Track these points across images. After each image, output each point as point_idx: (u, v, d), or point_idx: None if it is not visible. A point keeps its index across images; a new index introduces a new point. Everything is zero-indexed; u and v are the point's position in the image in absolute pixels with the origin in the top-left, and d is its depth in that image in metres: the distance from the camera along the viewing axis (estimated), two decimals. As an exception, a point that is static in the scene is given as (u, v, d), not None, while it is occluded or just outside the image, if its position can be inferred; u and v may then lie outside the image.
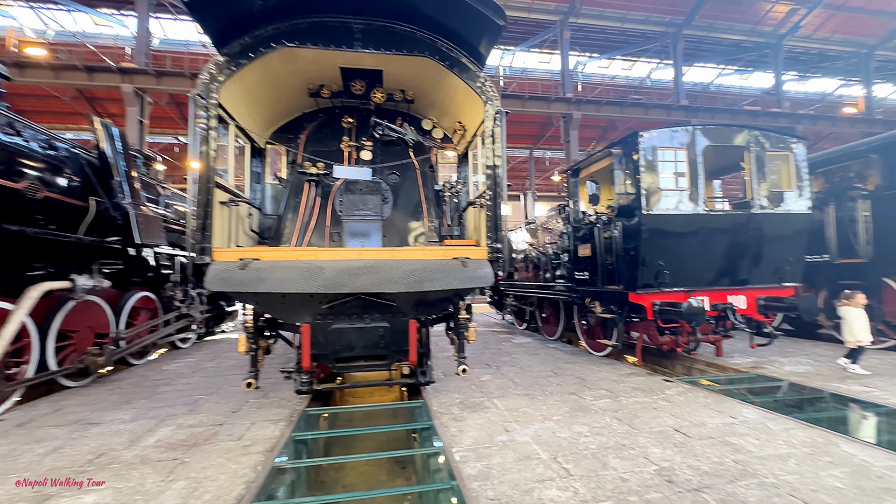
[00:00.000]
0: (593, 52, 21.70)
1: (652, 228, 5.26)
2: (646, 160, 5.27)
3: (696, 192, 5.39)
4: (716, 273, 5.66)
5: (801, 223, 5.76)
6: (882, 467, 2.92)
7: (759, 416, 4.01)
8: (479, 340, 9.14)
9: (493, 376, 5.83)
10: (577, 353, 7.47)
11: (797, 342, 8.03)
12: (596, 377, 5.61)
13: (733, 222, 5.54)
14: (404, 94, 4.71)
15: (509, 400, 4.68)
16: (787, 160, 5.78)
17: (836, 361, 5.74)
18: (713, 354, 6.62)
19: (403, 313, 3.53)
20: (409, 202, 4.70)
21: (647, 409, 4.28)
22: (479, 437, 3.63)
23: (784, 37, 18.48)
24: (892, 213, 6.59)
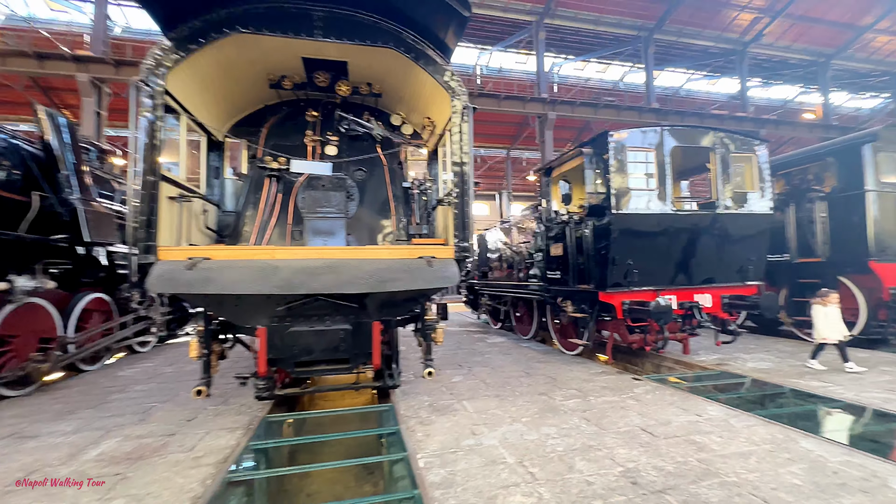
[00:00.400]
0: (569, 54, 21.97)
1: (621, 228, 5.28)
2: (616, 160, 5.29)
3: (665, 192, 5.45)
4: (683, 272, 5.74)
5: (763, 223, 5.92)
6: (837, 462, 2.98)
7: (723, 413, 4.06)
8: (452, 341, 9.05)
9: (465, 377, 5.74)
10: (550, 352, 7.48)
11: (759, 339, 8.29)
12: (567, 377, 5.61)
13: (699, 222, 5.63)
14: (371, 88, 4.55)
15: (479, 402, 4.60)
16: (751, 162, 5.92)
17: (804, 361, 5.87)
18: (681, 352, 6.75)
19: (367, 315, 3.38)
20: (377, 199, 4.55)
21: (615, 408, 4.28)
22: (445, 441, 3.53)
23: (749, 44, 19.21)
24: (847, 215, 6.86)
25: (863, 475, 2.79)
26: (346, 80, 4.45)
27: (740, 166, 5.89)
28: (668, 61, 21.96)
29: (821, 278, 7.29)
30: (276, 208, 4.24)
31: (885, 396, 4.48)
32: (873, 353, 6.64)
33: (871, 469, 2.87)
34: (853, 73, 23.00)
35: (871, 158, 6.64)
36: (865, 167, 6.64)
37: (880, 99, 28.42)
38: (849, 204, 6.85)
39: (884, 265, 6.59)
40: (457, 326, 11.73)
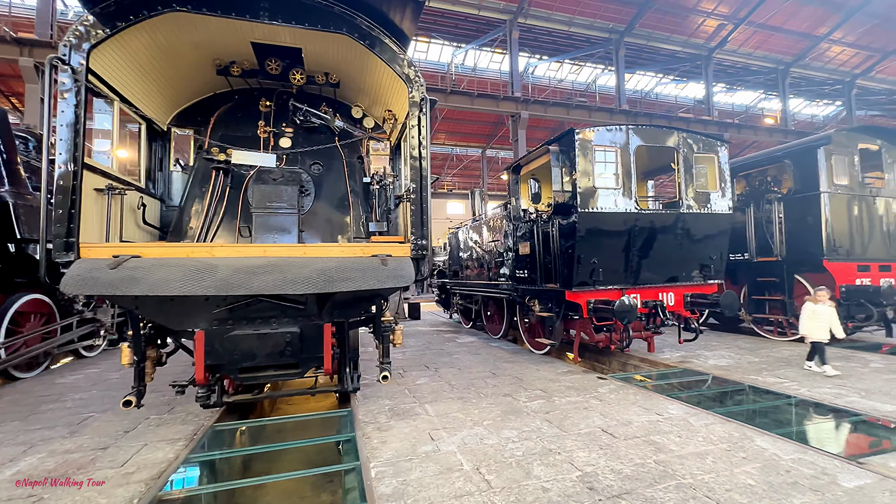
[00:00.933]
0: (543, 54, 22.14)
1: (587, 227, 5.25)
2: (581, 158, 5.24)
3: (630, 190, 5.45)
4: (648, 271, 5.77)
5: (724, 223, 6.02)
6: (790, 460, 2.99)
7: (683, 411, 4.07)
8: (422, 341, 8.90)
9: (430, 379, 5.60)
10: (519, 351, 7.43)
11: (721, 336, 8.50)
12: (533, 377, 5.54)
13: (663, 221, 5.67)
14: (328, 78, 4.33)
15: (442, 405, 4.47)
16: (713, 162, 6.01)
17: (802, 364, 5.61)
18: (646, 350, 6.82)
19: (317, 316, 3.18)
20: (335, 195, 4.33)
21: (578, 409, 4.23)
22: (401, 448, 3.38)
23: (714, 50, 19.85)
24: (803, 215, 7.08)
25: (813, 473, 2.80)
26: (302, 69, 4.21)
27: (703, 167, 5.97)
28: (638, 65, 22.45)
29: (778, 277, 7.52)
30: (223, 203, 3.96)
31: (835, 392, 4.61)
32: (826, 348, 6.88)
33: (821, 466, 2.89)
34: (810, 80, 24.17)
35: (825, 161, 6.88)
36: (820, 169, 6.87)
37: (834, 106, 30.00)
38: (804, 205, 7.08)
39: (836, 264, 6.84)
40: (428, 326, 11.58)
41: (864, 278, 7.07)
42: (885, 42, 21.14)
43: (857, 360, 5.99)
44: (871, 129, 7.40)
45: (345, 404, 4.74)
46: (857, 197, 7.11)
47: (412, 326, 11.49)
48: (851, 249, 7.00)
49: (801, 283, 7.30)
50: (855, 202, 7.08)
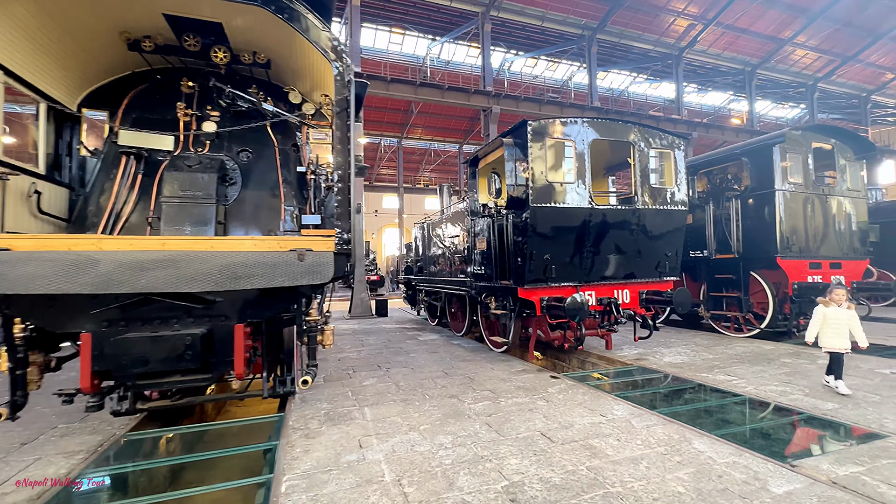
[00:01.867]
0: (517, 50, 22.03)
1: (539, 222, 5.09)
2: (534, 150, 5.07)
3: (584, 185, 5.31)
4: (603, 268, 5.67)
5: (679, 219, 5.97)
6: (724, 464, 2.89)
7: (628, 412, 3.96)
8: (382, 338, 8.65)
9: (379, 380, 5.36)
10: (479, 349, 7.26)
11: (681, 332, 8.55)
12: (486, 376, 5.37)
13: (618, 217, 5.56)
14: (256, 57, 4.00)
15: (382, 408, 4.24)
16: (670, 158, 5.94)
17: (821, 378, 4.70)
18: (604, 348, 6.76)
19: (226, 316, 2.90)
20: (265, 185, 4.02)
21: (523, 410, 4.07)
22: (324, 457, 3.13)
23: (684, 49, 20.12)
24: (758, 212, 7.13)
25: (745, 478, 2.70)
26: (226, 47, 3.87)
27: (660, 162, 5.89)
28: (612, 63, 22.59)
29: (735, 274, 7.58)
30: (134, 192, 3.60)
31: (781, 389, 4.59)
32: (777, 344, 6.97)
33: (754, 471, 2.79)
34: (776, 83, 24.86)
35: (780, 159, 6.92)
36: (775, 167, 6.91)
37: (798, 109, 31.03)
38: (760, 202, 7.12)
39: (789, 261, 6.91)
40: (393, 323, 11.32)
41: (816, 275, 7.19)
42: (845, 47, 21.90)
43: (806, 357, 6.05)
44: (824, 128, 7.51)
45: (282, 409, 4.47)
46: (811, 195, 7.20)
47: (377, 324, 11.21)
48: (804, 247, 7.09)
49: (757, 279, 7.36)
50: (808, 200, 7.17)
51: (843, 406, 4.02)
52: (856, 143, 7.69)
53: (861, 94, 25.94)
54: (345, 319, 12.41)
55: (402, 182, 30.22)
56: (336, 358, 6.78)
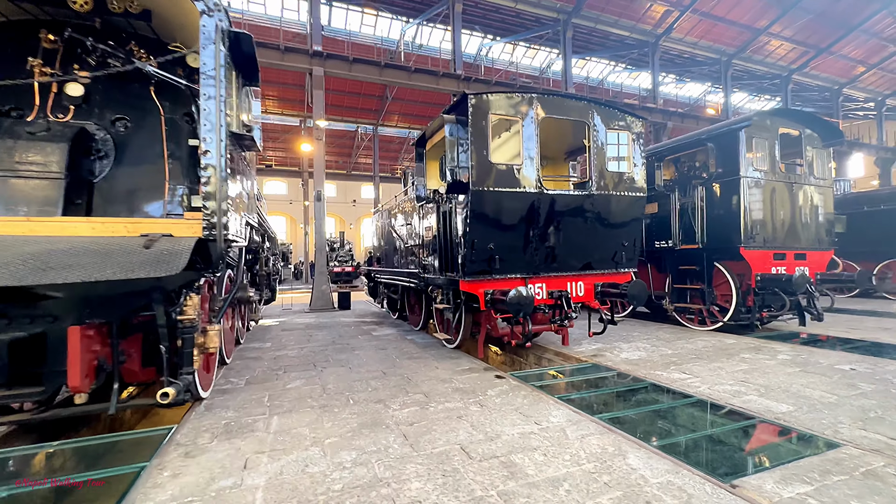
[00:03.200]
0: (495, 35, 21.40)
1: (481, 207, 4.61)
2: (475, 128, 4.57)
3: (532, 167, 4.85)
4: (555, 258, 5.24)
5: (637, 206, 5.58)
6: (657, 485, 2.49)
7: (565, 419, 3.55)
8: (333, 334, 8.12)
9: (307, 381, 4.85)
10: (432, 345, 6.81)
11: (646, 325, 8.26)
12: (426, 376, 4.92)
13: (571, 203, 5.13)
14: (128, 6, 3.36)
15: (294, 416, 3.74)
16: (628, 140, 5.52)
17: None
18: (561, 343, 6.39)
19: (55, 317, 2.34)
20: (146, 160, 3.43)
21: (451, 418, 3.62)
22: (193, 484, 2.62)
23: (661, 37, 19.80)
24: (722, 201, 6.81)
25: (678, 503, 2.30)
26: None
27: (617, 144, 5.47)
28: (590, 50, 22.16)
29: (699, 265, 7.28)
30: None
31: (736, 389, 4.27)
32: (740, 338, 6.71)
33: (688, 494, 2.39)
34: (751, 73, 24.86)
35: (746, 145, 6.59)
36: (740, 153, 6.58)
37: (774, 102, 31.27)
38: (725, 190, 6.80)
39: (752, 252, 6.63)
40: (353, 317, 10.80)
41: (780, 266, 6.94)
42: (819, 38, 21.94)
43: (766, 352, 5.78)
44: (792, 112, 7.21)
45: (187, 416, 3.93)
46: (776, 183, 6.92)
47: (335, 318, 10.67)
48: (769, 237, 6.81)
49: (721, 271, 7.08)
50: (774, 189, 6.88)
51: (798, 408, 3.70)
52: (824, 130, 7.43)
53: (833, 86, 26.18)
54: (304, 313, 11.82)
55: (377, 171, 29.45)
56: (273, 356, 6.24)
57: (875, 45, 23.17)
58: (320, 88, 12.06)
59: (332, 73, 12.58)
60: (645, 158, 5.63)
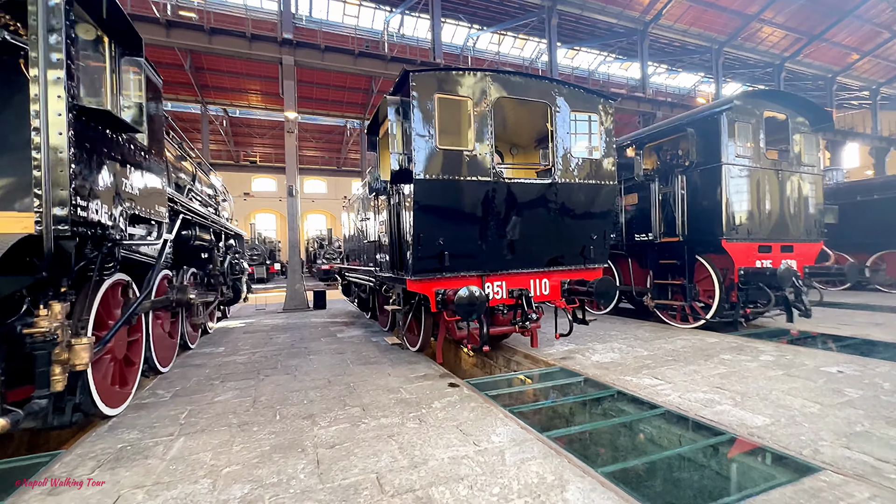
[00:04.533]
0: (481, 25, 20.81)
1: (427, 197, 4.14)
2: (421, 110, 4.09)
3: (488, 153, 4.38)
4: (515, 253, 4.78)
5: (607, 196, 5.11)
6: (592, 531, 2.04)
7: (510, 437, 3.11)
8: (297, 335, 7.66)
9: (240, 393, 4.39)
10: (395, 349, 6.36)
11: (627, 323, 7.84)
12: (373, 385, 4.47)
13: (532, 193, 4.67)
14: None
15: (203, 438, 3.28)
16: (596, 124, 5.05)
17: None
18: (530, 345, 5.96)
19: None
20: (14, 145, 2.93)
21: (380, 437, 3.17)
22: (35, 534, 2.16)
23: (650, 24, 19.23)
24: (703, 190, 6.37)
25: (611, 559, 1.85)
26: None
27: (582, 127, 5.00)
28: (578, 39, 21.60)
29: (679, 259, 6.84)
30: None
31: (709, 397, 3.83)
32: (722, 337, 6.29)
33: (627, 543, 1.95)
34: (743, 62, 24.35)
35: (728, 129, 6.13)
36: (722, 139, 6.13)
37: (767, 92, 30.73)
38: (705, 179, 6.36)
39: (735, 244, 6.19)
40: (325, 317, 10.33)
41: (765, 259, 6.51)
42: (812, 25, 21.43)
43: (749, 352, 5.36)
44: (778, 94, 6.74)
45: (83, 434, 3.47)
46: (762, 171, 6.47)
47: (307, 318, 10.20)
48: (753, 228, 6.37)
49: (703, 264, 6.64)
50: (758, 176, 6.43)
51: (775, 421, 3.27)
52: (812, 114, 6.98)
53: (827, 74, 25.71)
54: (276, 313, 11.35)
55: (364, 166, 28.86)
56: (219, 363, 5.77)
57: (869, 31, 22.68)
58: (291, 79, 11.51)
59: (303, 62, 12.01)
60: (619, 145, 5.17)
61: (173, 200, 4.26)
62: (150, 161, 3.25)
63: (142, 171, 3.12)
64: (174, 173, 5.62)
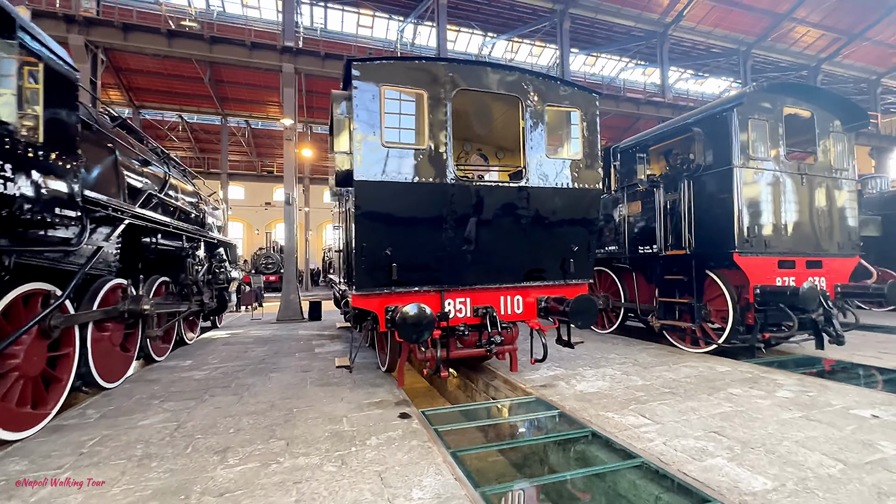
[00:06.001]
0: (493, 32, 20.47)
1: (371, 202, 3.65)
2: (364, 103, 3.63)
3: (441, 153, 3.87)
4: (482, 267, 4.22)
5: (590, 202, 4.49)
6: None
7: (434, 493, 2.55)
8: (274, 349, 7.28)
9: (169, 417, 3.98)
10: (367, 367, 5.86)
11: (631, 344, 7.07)
12: (318, 412, 3.98)
13: (499, 198, 4.11)
14: None
15: (90, 473, 2.86)
16: (576, 120, 4.46)
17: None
18: (510, 368, 5.34)
19: None
20: None
21: (283, 486, 2.67)
22: None
23: (670, 26, 18.33)
24: (712, 196, 5.63)
25: None
26: None
27: (559, 124, 4.42)
28: (596, 45, 20.90)
29: (686, 275, 6.07)
30: None
31: (701, 445, 3.14)
32: (736, 365, 5.47)
33: None
34: (775, 65, 22.93)
35: (739, 127, 5.40)
36: (732, 138, 5.40)
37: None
38: (715, 184, 5.62)
39: (750, 258, 5.41)
40: (314, 329, 9.95)
41: (788, 276, 5.67)
42: (850, 23, 19.95)
43: (763, 386, 4.56)
44: (801, 88, 5.94)
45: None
46: (781, 175, 5.67)
47: (295, 330, 9.85)
48: (771, 240, 5.57)
49: (715, 282, 5.86)
50: (778, 181, 5.64)
51: (779, 486, 2.56)
52: (843, 111, 6.13)
53: (870, 76, 23.90)
54: (269, 324, 11.08)
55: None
56: (173, 380, 5.42)
57: (918, 29, 20.97)
58: (291, 86, 11.41)
59: (304, 69, 11.93)
60: (622, 149, 4.56)
61: (98, 204, 3.92)
62: (48, 162, 2.92)
63: (32, 172, 2.79)
64: (135, 179, 5.37)
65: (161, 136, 28.86)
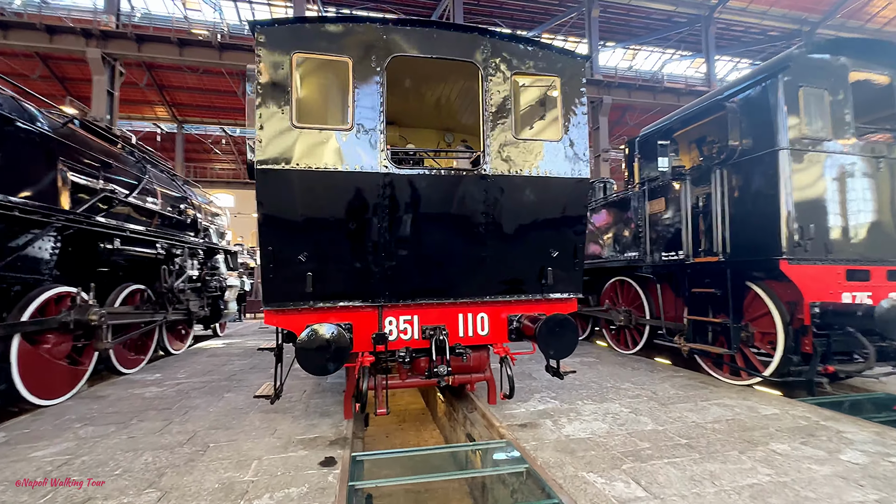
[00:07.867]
0: (519, 28, 19.51)
1: (277, 198, 2.94)
2: (270, 74, 2.94)
3: (374, 134, 3.09)
4: (434, 277, 3.38)
5: (576, 195, 3.52)
6: None
7: None
8: (251, 363, 6.80)
9: (65, 449, 3.47)
10: (334, 389, 5.18)
11: (656, 371, 5.88)
12: (234, 450, 3.33)
13: (452, 190, 3.26)
14: None
15: None
16: (554, 93, 3.53)
17: None
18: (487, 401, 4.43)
19: None
20: None
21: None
22: None
23: (716, 7, 16.46)
24: (752, 189, 4.44)
25: None
26: None
27: (533, 98, 3.51)
28: (633, 35, 19.32)
29: (720, 287, 4.87)
30: None
31: (710, 545, 2.11)
32: (786, 406, 4.21)
33: None
34: (849, 49, 19.97)
35: (787, 99, 4.21)
36: (777, 114, 4.22)
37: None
38: (755, 172, 4.44)
39: (803, 267, 4.17)
40: (313, 340, 9.44)
41: (860, 291, 4.34)
42: (944, -7, 17.05)
43: (823, 439, 3.37)
44: (873, 45, 4.60)
45: None
46: (849, 159, 4.39)
47: (293, 340, 9.39)
48: (835, 244, 4.29)
49: (759, 297, 4.64)
50: (843, 167, 4.36)
51: None
52: (935, 77, 4.71)
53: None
54: (271, 333, 10.75)
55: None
56: (122, 396, 5.00)
57: None
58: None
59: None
60: (643, 137, 3.59)
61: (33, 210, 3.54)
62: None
63: None
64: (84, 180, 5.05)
65: (206, 149, 30.40)
